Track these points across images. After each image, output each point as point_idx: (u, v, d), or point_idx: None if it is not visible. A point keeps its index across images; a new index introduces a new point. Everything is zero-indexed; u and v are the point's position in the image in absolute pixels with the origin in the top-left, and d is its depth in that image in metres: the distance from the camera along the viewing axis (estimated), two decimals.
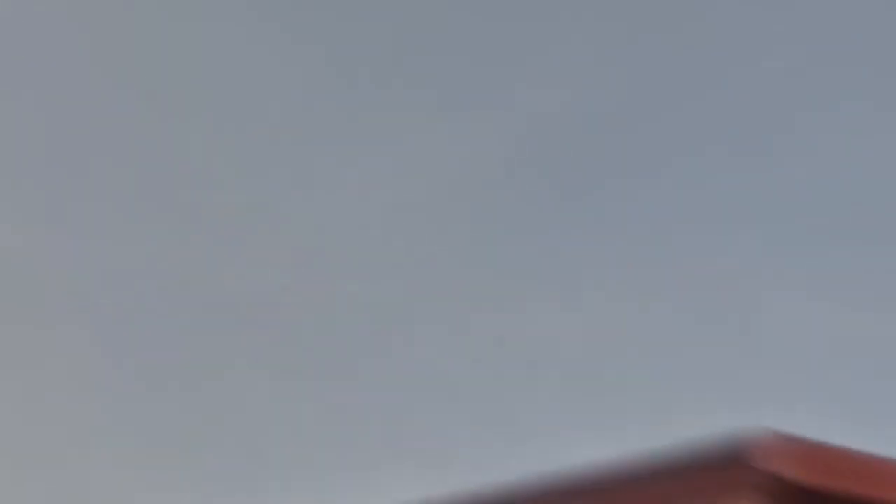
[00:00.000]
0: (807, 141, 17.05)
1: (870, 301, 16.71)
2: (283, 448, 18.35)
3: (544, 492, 7.47)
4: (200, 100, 18.12)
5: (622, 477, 7.11)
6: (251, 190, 18.65)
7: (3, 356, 18.79)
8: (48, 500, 17.79)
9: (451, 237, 18.21)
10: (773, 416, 7.02)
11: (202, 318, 19.11)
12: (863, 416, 14.68)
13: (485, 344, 18.28)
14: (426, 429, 18.02)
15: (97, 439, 19.11)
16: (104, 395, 19.45)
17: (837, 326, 16.47)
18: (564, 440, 15.21)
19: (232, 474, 18.29)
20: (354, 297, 18.47)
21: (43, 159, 18.87)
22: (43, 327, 19.44)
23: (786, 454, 6.30)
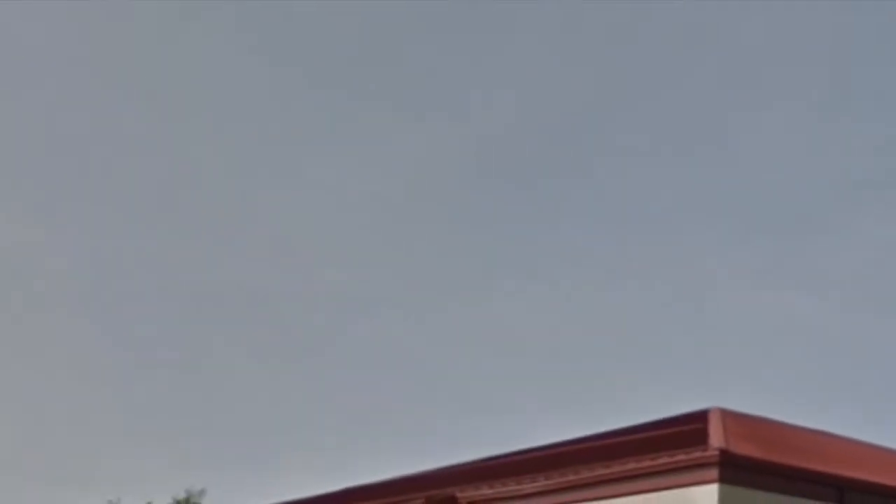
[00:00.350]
0: (740, 142, 16.99)
1: (814, 287, 16.56)
2: (268, 426, 18.07)
3: (510, 468, 7.34)
4: (191, 106, 18.00)
5: (585, 454, 6.99)
6: (237, 188, 18.52)
7: (5, 344, 18.42)
8: (48, 477, 17.46)
9: (422, 229, 18.19)
10: (725, 393, 6.91)
11: (192, 307, 18.83)
12: (808, 393, 14.54)
13: (456, 328, 18.11)
14: (402, 408, 17.79)
15: (93, 420, 18.78)
16: (101, 380, 19.10)
17: (783, 310, 16.37)
18: (530, 419, 15.01)
19: (221, 451, 17.97)
20: (333, 287, 18.33)
21: (42, 159, 18.57)
22: (43, 317, 19.10)
23: (737, 432, 6.21)
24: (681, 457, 6.21)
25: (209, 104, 18.45)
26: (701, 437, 6.43)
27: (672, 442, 6.53)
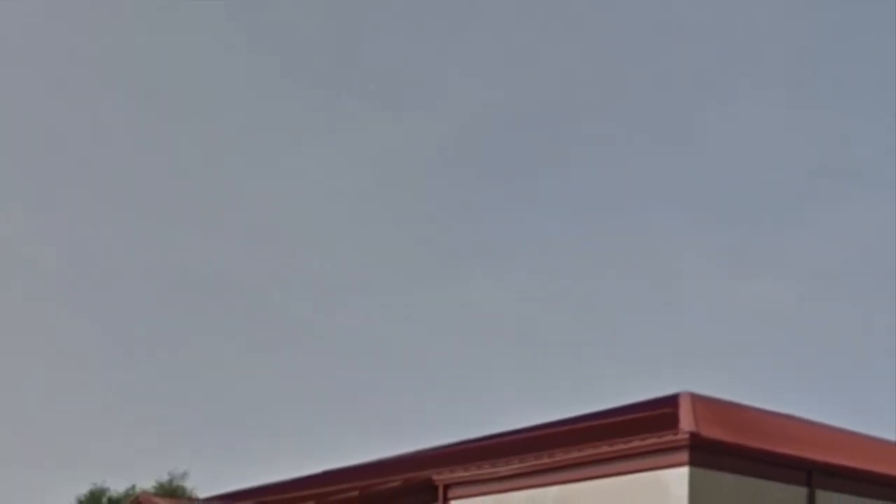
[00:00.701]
0: (712, 133, 16.99)
1: (785, 275, 16.52)
2: (250, 411, 17.98)
3: (486, 451, 7.25)
4: (175, 99, 17.89)
5: (559, 438, 6.90)
6: (220, 179, 18.41)
7: None
8: (34, 461, 17.34)
9: (402, 219, 18.12)
10: (697, 379, 6.85)
11: (175, 295, 18.73)
12: (779, 379, 14.48)
13: (434, 315, 18.04)
14: (380, 393, 17.72)
15: (78, 405, 18.64)
16: (85, 366, 18.97)
17: (754, 297, 16.33)
18: (505, 403, 14.92)
19: (203, 435, 17.85)
20: (309, 273, 18.23)
21: (31, 152, 18.44)
22: (29, 305, 18.95)
23: (708, 416, 6.14)
24: (652, 440, 6.17)
25: (193, 97, 18.40)
26: (672, 422, 6.38)
27: (644, 426, 6.49)
